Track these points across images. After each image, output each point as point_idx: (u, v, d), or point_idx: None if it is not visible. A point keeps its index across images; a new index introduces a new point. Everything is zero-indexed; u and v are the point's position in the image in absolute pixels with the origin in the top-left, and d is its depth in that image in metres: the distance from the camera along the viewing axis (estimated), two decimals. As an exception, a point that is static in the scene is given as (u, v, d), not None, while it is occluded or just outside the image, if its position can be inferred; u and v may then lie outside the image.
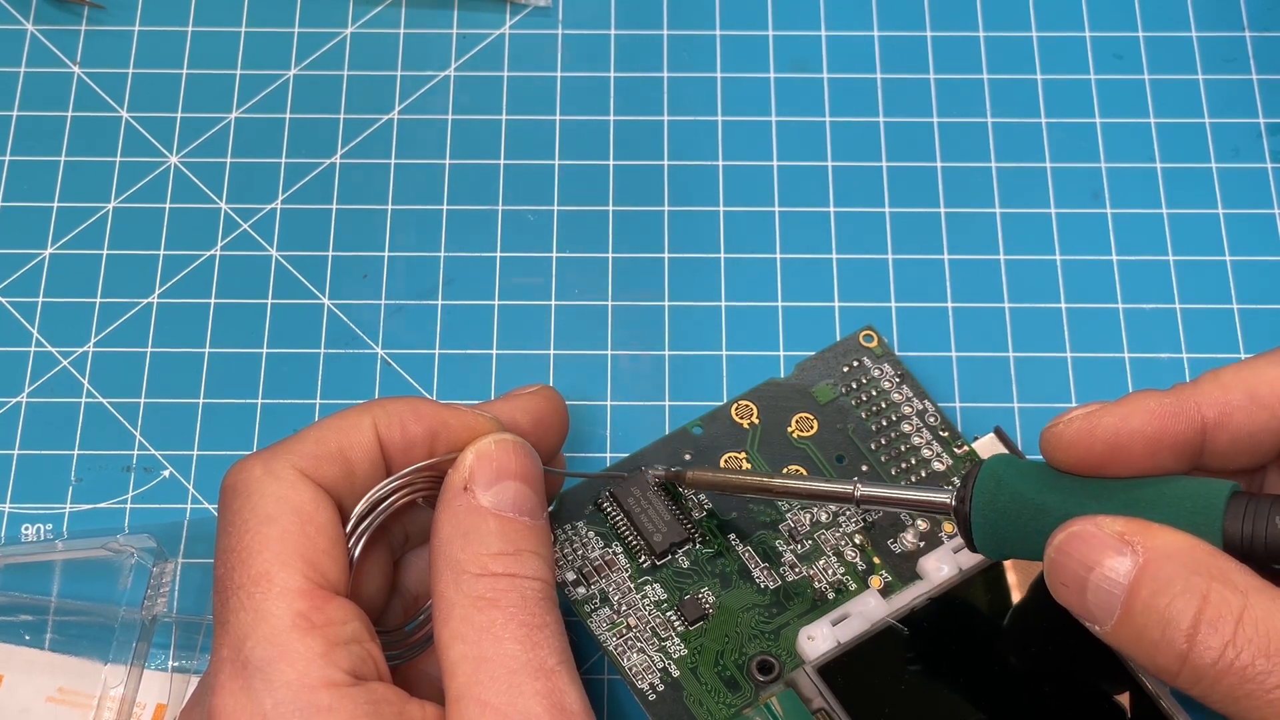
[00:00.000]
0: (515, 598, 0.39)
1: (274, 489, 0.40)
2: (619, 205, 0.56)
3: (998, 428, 0.49)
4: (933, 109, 0.57)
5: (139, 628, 0.48)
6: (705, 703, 0.44)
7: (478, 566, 0.39)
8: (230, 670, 0.37)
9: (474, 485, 0.41)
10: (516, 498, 0.41)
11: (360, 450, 0.41)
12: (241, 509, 0.40)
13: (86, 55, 0.58)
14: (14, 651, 0.48)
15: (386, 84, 0.58)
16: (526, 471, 0.41)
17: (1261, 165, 0.56)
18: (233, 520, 0.40)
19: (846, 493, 0.43)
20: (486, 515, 0.40)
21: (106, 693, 0.47)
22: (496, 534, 0.40)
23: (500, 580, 0.39)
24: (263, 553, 0.39)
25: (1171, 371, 0.53)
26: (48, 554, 0.50)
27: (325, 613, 0.38)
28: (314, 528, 0.39)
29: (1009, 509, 0.40)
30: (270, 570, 0.38)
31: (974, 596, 0.46)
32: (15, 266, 0.54)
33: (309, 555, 0.39)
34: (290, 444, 0.41)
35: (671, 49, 0.58)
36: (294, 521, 0.39)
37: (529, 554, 0.40)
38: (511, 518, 0.40)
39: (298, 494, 0.40)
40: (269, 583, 0.38)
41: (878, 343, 0.50)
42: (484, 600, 0.39)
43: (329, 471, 0.41)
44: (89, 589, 0.49)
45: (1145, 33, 0.58)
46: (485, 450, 0.41)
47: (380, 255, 0.55)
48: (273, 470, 0.40)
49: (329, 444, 0.41)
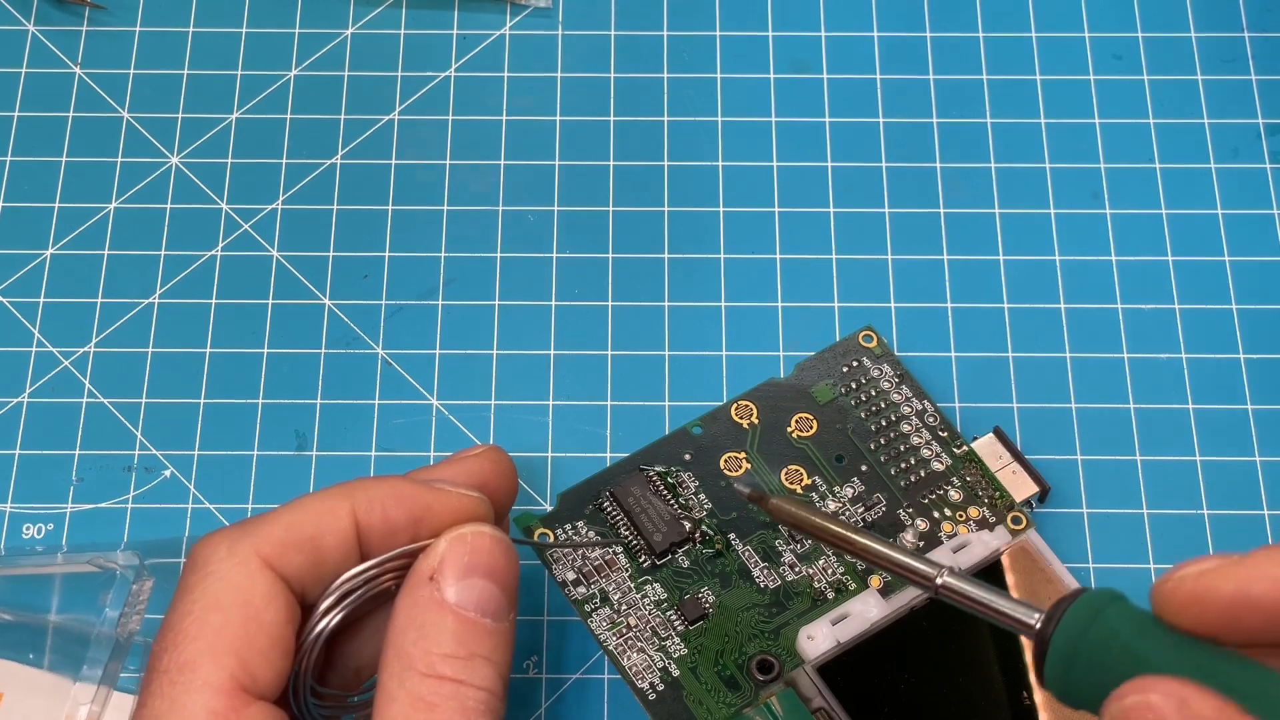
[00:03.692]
0: (455, 705, 0.37)
1: (231, 574, 0.38)
2: (619, 205, 0.56)
3: (997, 428, 0.49)
4: (932, 109, 0.57)
5: (112, 646, 0.48)
6: (705, 702, 0.44)
7: (425, 665, 0.38)
8: None
9: (441, 577, 0.39)
10: (482, 597, 0.39)
11: (334, 537, 0.40)
12: (194, 587, 0.38)
13: (87, 56, 0.58)
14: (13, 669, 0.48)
15: (387, 84, 0.58)
16: (499, 569, 0.40)
17: (1260, 166, 0.56)
18: (183, 597, 0.38)
19: (929, 577, 0.38)
20: (446, 612, 0.38)
21: (76, 711, 0.47)
22: (452, 633, 0.38)
23: (445, 685, 0.38)
24: (198, 640, 0.37)
25: (1171, 371, 0.53)
26: (37, 567, 0.49)
27: (241, 716, 0.37)
28: (256, 624, 0.38)
29: (1096, 646, 0.34)
30: (197, 661, 0.37)
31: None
32: (17, 267, 0.54)
33: (243, 653, 0.37)
34: (262, 525, 0.39)
35: (671, 49, 0.58)
36: (238, 614, 0.38)
37: (481, 660, 0.38)
38: (472, 618, 0.39)
39: (253, 584, 0.38)
40: (193, 673, 0.37)
41: (877, 343, 0.51)
42: (423, 702, 0.37)
43: (295, 560, 0.39)
44: (69, 605, 0.49)
45: (1144, 33, 0.58)
46: (460, 539, 0.40)
47: (380, 255, 0.55)
48: (235, 553, 0.39)
49: (301, 530, 0.39)
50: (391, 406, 0.52)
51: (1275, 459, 0.51)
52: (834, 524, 0.41)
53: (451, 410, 0.52)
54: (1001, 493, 0.48)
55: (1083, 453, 0.52)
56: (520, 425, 0.52)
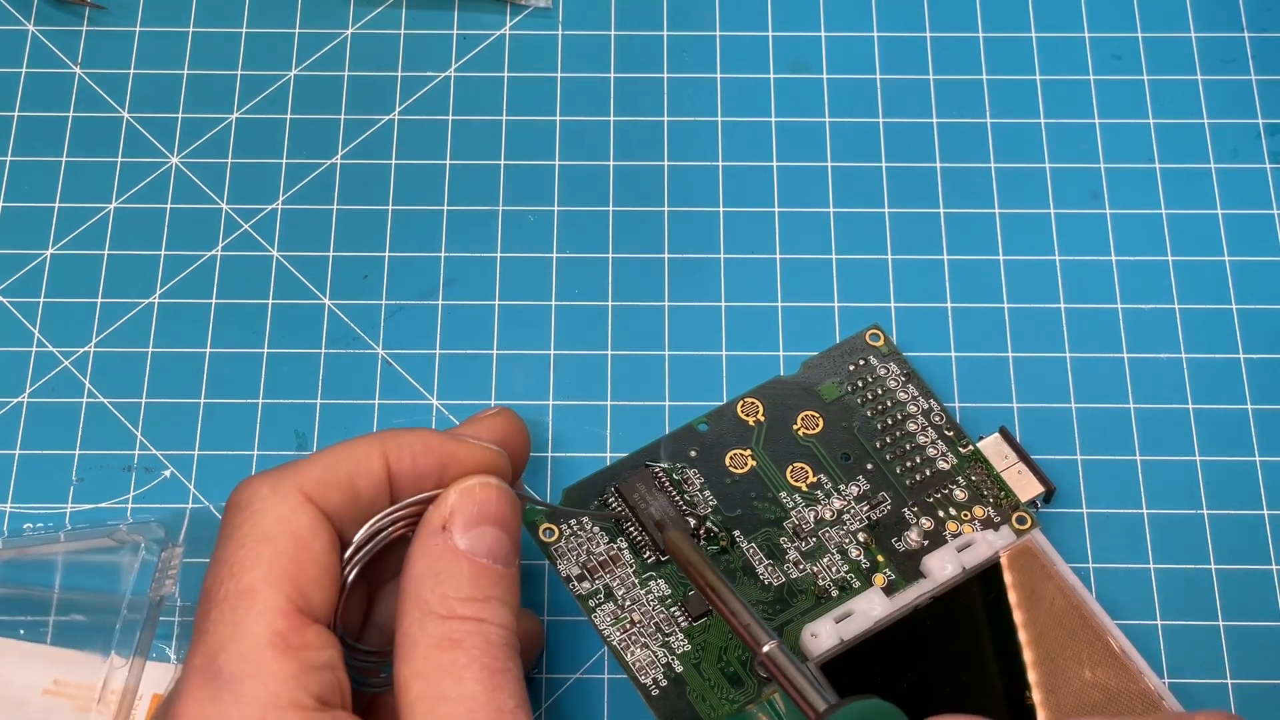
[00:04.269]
0: (479, 640, 0.39)
1: (276, 509, 0.40)
2: (619, 205, 0.56)
3: (1003, 428, 0.49)
4: (932, 109, 0.57)
5: (145, 611, 0.48)
6: (708, 698, 0.44)
7: (445, 609, 0.39)
8: (200, 679, 0.37)
9: (452, 526, 0.40)
10: (493, 544, 0.41)
11: (369, 479, 0.41)
12: (241, 525, 0.40)
13: (87, 56, 0.58)
14: (10, 645, 0.48)
15: (387, 84, 0.58)
16: (506, 518, 0.41)
17: (1260, 166, 0.56)
18: (231, 535, 0.40)
19: (756, 644, 0.42)
20: (461, 558, 0.40)
21: (109, 684, 0.47)
22: (468, 579, 0.40)
23: (466, 623, 0.39)
24: (253, 569, 0.39)
25: (1171, 371, 0.53)
26: (51, 546, 0.49)
27: (303, 636, 0.38)
28: (307, 554, 0.39)
29: None
30: (256, 587, 0.38)
31: (977, 595, 0.46)
32: (17, 267, 0.54)
33: (297, 579, 0.39)
34: (300, 466, 0.41)
35: (671, 49, 0.58)
36: (289, 544, 0.39)
37: (497, 602, 0.40)
38: (485, 564, 0.40)
39: (298, 517, 0.40)
40: (253, 599, 0.38)
41: (884, 341, 0.51)
42: (448, 641, 0.39)
43: (334, 498, 0.40)
44: (93, 581, 0.49)
45: (1144, 33, 0.58)
46: (469, 491, 0.41)
47: (381, 255, 0.55)
48: (279, 490, 0.40)
49: (339, 470, 0.41)
50: (391, 406, 0.52)
51: (1275, 459, 0.52)
52: (709, 572, 0.44)
53: (451, 410, 0.52)
54: (1007, 492, 0.48)
55: (1083, 453, 0.52)
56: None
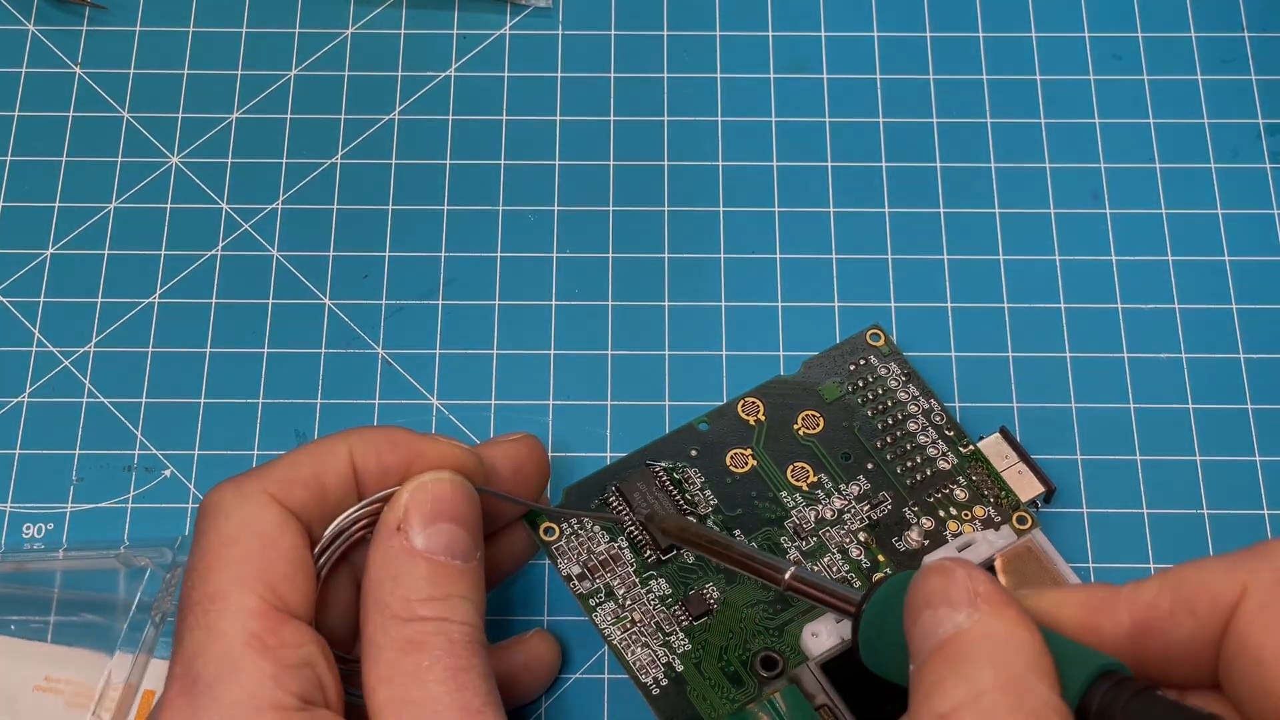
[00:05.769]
0: (442, 641, 0.39)
1: (240, 511, 0.39)
2: (619, 205, 0.56)
3: (1004, 428, 0.49)
4: (932, 109, 0.57)
5: (147, 615, 0.48)
6: (709, 697, 0.44)
7: (405, 611, 0.39)
8: (179, 686, 0.37)
9: (408, 525, 0.40)
10: (450, 540, 0.40)
11: (335, 476, 0.41)
12: (208, 530, 0.39)
13: (87, 55, 0.58)
14: (2, 642, 0.48)
15: (387, 84, 0.58)
16: (462, 513, 0.41)
17: (1260, 165, 0.56)
18: (199, 541, 0.40)
19: (779, 574, 0.42)
20: (418, 558, 0.40)
21: (110, 681, 0.47)
22: (426, 578, 0.39)
23: (428, 624, 0.39)
24: (221, 572, 0.38)
25: (1171, 371, 0.53)
26: (54, 563, 0.49)
27: (279, 635, 0.38)
28: (275, 551, 0.39)
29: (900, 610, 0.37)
30: (226, 590, 0.38)
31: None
32: (17, 266, 0.54)
33: (267, 578, 0.38)
34: (265, 469, 0.41)
35: (671, 49, 0.58)
36: (255, 544, 0.39)
37: (458, 599, 0.40)
38: (443, 561, 0.40)
39: (263, 517, 0.39)
40: (224, 601, 0.38)
41: (885, 341, 0.51)
42: (410, 643, 0.38)
43: (300, 496, 0.40)
44: (98, 587, 0.49)
45: (1144, 33, 0.58)
46: (421, 488, 0.41)
47: (381, 255, 0.55)
48: (243, 492, 0.40)
49: (303, 469, 0.41)
50: (392, 406, 0.52)
51: (1275, 459, 0.52)
52: (708, 533, 0.45)
53: (452, 410, 0.52)
54: (1007, 492, 0.48)
55: (1083, 453, 0.52)
56: (520, 425, 0.52)
